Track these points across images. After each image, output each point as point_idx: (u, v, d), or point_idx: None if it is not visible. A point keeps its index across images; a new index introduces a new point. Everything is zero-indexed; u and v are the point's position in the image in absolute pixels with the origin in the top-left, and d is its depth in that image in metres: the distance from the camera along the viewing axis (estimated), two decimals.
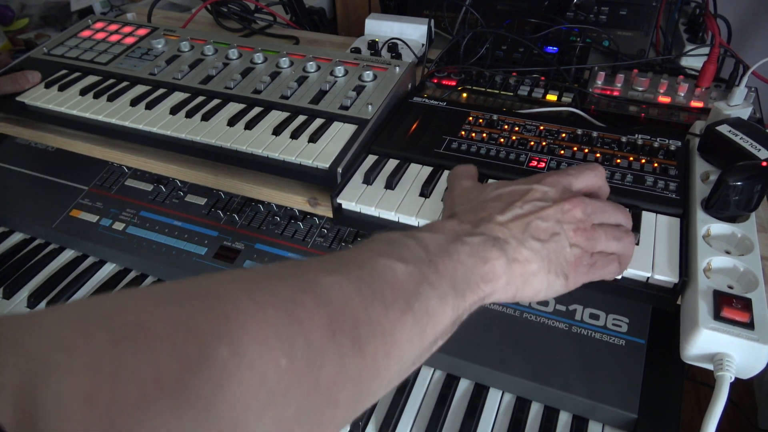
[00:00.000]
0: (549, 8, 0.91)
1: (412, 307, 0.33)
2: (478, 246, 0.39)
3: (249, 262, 0.72)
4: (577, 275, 0.43)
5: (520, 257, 0.40)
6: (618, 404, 0.53)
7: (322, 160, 0.62)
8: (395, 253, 0.35)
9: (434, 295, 0.34)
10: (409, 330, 0.33)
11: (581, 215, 0.43)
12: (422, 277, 0.34)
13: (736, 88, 0.61)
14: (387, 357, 0.31)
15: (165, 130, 0.68)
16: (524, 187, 0.44)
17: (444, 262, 0.36)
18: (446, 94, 0.77)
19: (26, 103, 0.76)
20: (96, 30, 0.91)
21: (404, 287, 0.33)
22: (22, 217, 0.84)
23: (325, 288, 0.30)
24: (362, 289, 0.31)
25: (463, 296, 0.36)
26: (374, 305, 0.31)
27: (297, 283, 0.30)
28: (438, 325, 0.35)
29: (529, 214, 0.42)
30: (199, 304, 0.26)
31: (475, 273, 0.37)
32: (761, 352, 0.42)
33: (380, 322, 0.31)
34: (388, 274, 0.33)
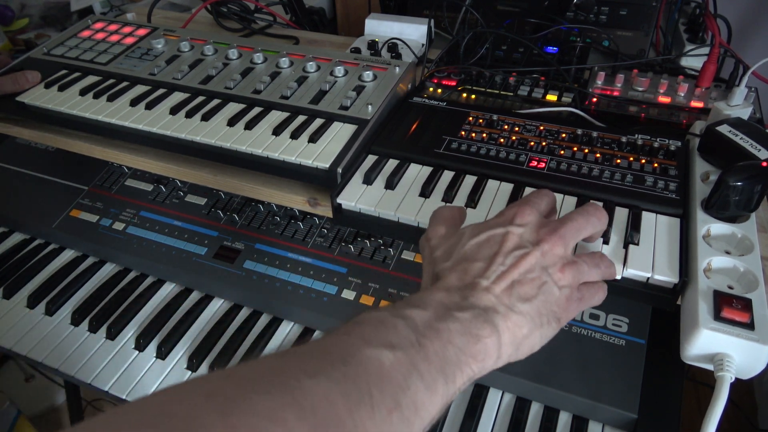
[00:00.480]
0: (549, 8, 0.91)
1: (400, 404, 0.32)
2: (470, 323, 0.37)
3: (249, 262, 0.72)
4: (569, 313, 0.43)
5: (510, 325, 0.39)
6: (618, 404, 0.53)
7: (322, 160, 0.62)
8: (382, 339, 0.34)
9: (423, 386, 0.33)
10: (396, 427, 0.31)
11: (562, 252, 0.42)
12: (411, 366, 0.33)
13: (736, 88, 0.61)
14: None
15: (165, 130, 0.68)
16: (500, 232, 0.43)
17: (434, 344, 0.35)
18: (446, 94, 0.77)
19: (26, 103, 0.76)
20: (96, 30, 0.91)
21: (392, 380, 0.32)
22: (22, 217, 0.84)
23: (307, 396, 0.29)
24: (347, 390, 0.30)
25: (453, 380, 0.35)
26: (360, 408, 0.30)
27: (277, 394, 0.29)
28: (426, 417, 0.34)
29: (512, 270, 0.41)
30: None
31: (466, 353, 0.36)
32: (761, 353, 0.42)
33: (366, 427, 0.30)
34: (374, 366, 0.32)
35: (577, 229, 0.44)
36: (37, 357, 0.69)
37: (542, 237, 0.42)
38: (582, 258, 0.44)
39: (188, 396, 0.28)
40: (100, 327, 0.72)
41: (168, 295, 0.75)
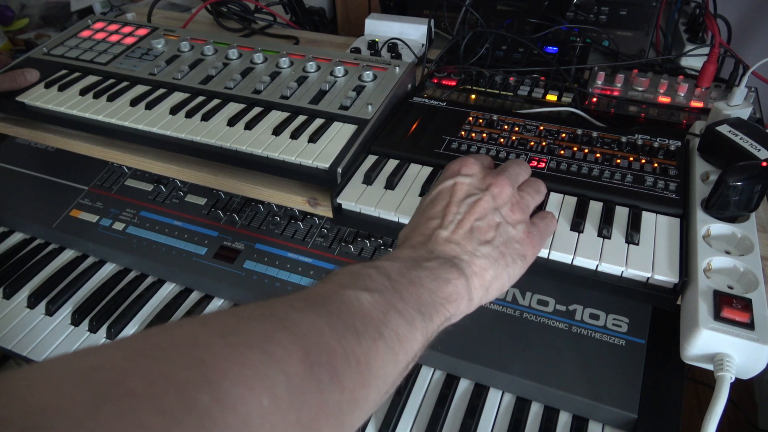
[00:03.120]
0: (549, 8, 0.91)
1: (383, 334, 0.33)
2: (437, 269, 0.39)
3: (249, 262, 0.72)
4: (534, 246, 0.45)
5: (476, 269, 0.41)
6: (618, 404, 0.53)
7: (322, 160, 0.62)
8: (359, 284, 0.36)
9: (403, 321, 0.35)
10: (382, 358, 0.33)
11: (510, 191, 0.45)
12: (389, 305, 0.35)
13: (736, 88, 0.61)
14: (364, 387, 0.31)
15: (165, 130, 0.68)
16: (449, 185, 0.46)
17: (407, 288, 0.37)
18: (446, 94, 0.77)
19: (26, 103, 0.76)
20: (96, 30, 0.91)
21: (373, 316, 0.34)
22: (22, 217, 0.84)
23: (297, 324, 0.30)
24: (332, 322, 0.32)
25: (430, 319, 0.37)
26: (346, 336, 0.31)
27: (268, 321, 0.30)
28: (410, 350, 0.35)
29: (467, 217, 0.43)
30: (174, 353, 0.26)
31: (439, 295, 0.38)
32: (761, 353, 0.42)
33: (354, 352, 0.31)
34: (354, 304, 0.34)
35: (516, 173, 0.49)
36: (37, 357, 0.69)
37: (490, 182, 0.45)
38: (524, 190, 0.48)
39: (187, 326, 0.29)
40: (100, 327, 0.72)
41: (168, 295, 0.75)
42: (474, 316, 0.60)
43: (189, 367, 0.25)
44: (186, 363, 0.25)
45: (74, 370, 0.24)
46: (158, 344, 0.27)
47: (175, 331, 0.28)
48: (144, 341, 0.27)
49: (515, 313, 0.61)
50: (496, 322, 0.60)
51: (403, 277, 0.38)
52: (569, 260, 0.52)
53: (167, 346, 0.26)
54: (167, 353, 0.26)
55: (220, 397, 0.24)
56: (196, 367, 0.25)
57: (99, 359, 0.25)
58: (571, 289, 0.61)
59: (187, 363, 0.25)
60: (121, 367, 0.25)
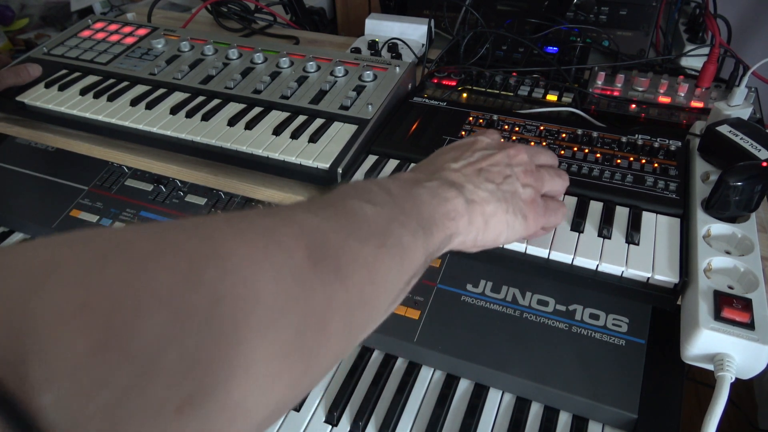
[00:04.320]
0: (549, 8, 0.91)
1: (386, 242, 0.33)
2: (437, 188, 0.40)
3: None
4: (536, 215, 0.46)
5: (477, 198, 0.42)
6: (618, 404, 0.53)
7: (322, 160, 0.62)
8: (363, 196, 0.36)
9: (405, 231, 0.35)
10: (387, 263, 0.33)
11: (527, 158, 0.46)
12: (391, 217, 0.35)
13: (736, 88, 0.61)
14: (372, 284, 0.32)
15: (165, 130, 0.68)
16: (470, 140, 0.48)
17: (408, 203, 0.38)
18: (446, 94, 0.77)
19: (26, 103, 0.76)
20: (96, 30, 0.91)
21: (376, 224, 0.34)
22: (22, 217, 0.84)
23: (302, 223, 0.30)
24: (337, 226, 0.32)
25: (431, 233, 0.38)
26: (350, 239, 0.31)
27: (275, 217, 0.30)
28: (413, 260, 0.36)
29: (480, 161, 0.45)
30: (181, 231, 0.26)
31: (439, 211, 0.39)
32: (761, 353, 0.42)
33: (361, 253, 0.31)
34: (358, 213, 0.34)
35: (538, 152, 0.50)
36: None
37: (508, 145, 0.47)
38: (545, 168, 0.49)
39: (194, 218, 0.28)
40: None
41: None
42: (474, 315, 0.61)
43: (198, 241, 0.25)
44: (195, 238, 0.25)
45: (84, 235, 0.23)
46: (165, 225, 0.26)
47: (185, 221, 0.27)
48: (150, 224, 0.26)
49: (515, 313, 0.61)
50: (496, 322, 0.60)
51: (404, 192, 0.39)
52: (569, 260, 0.52)
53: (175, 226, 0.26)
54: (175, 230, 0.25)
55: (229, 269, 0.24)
56: (204, 243, 0.25)
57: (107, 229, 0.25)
58: (571, 289, 0.61)
59: (196, 239, 0.25)
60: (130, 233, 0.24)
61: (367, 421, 0.58)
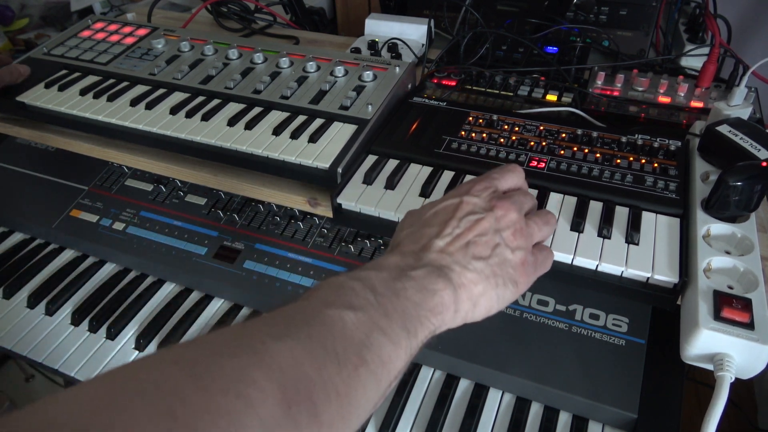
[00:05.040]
0: (549, 8, 0.91)
1: (365, 359, 0.33)
2: (424, 279, 0.39)
3: (249, 262, 0.72)
4: (527, 276, 0.44)
5: (465, 281, 0.40)
6: (618, 404, 0.53)
7: (322, 160, 0.62)
8: (343, 301, 0.35)
9: (386, 341, 0.34)
10: (364, 385, 0.32)
11: (516, 216, 0.44)
12: (373, 325, 0.34)
13: (736, 88, 0.61)
14: (344, 420, 0.31)
15: (165, 130, 0.68)
16: (455, 201, 0.45)
17: (392, 302, 0.36)
18: (446, 94, 0.77)
19: (26, 103, 0.76)
20: (96, 30, 0.91)
21: (355, 338, 0.33)
22: (22, 217, 0.84)
23: (274, 357, 0.29)
24: (313, 350, 0.31)
25: (415, 335, 0.36)
26: (326, 365, 0.31)
27: (245, 356, 0.29)
28: (393, 370, 0.35)
29: (466, 232, 0.42)
30: (140, 403, 0.25)
31: (424, 307, 0.37)
32: (761, 353, 0.42)
33: (334, 383, 0.30)
34: (337, 326, 0.33)
35: (525, 201, 0.47)
36: (37, 357, 0.69)
37: (495, 204, 0.44)
38: (532, 219, 0.46)
39: (156, 365, 0.28)
40: (100, 327, 0.72)
41: (168, 295, 0.75)
42: None
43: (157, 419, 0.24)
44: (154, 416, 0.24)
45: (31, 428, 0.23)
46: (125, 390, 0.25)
47: (143, 375, 0.27)
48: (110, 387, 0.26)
49: (515, 313, 0.61)
50: (496, 322, 0.60)
51: (388, 289, 0.37)
52: (569, 260, 0.52)
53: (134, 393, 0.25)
54: (134, 403, 0.25)
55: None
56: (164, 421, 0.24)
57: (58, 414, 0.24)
58: (571, 289, 0.61)
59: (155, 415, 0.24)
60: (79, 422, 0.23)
61: (367, 421, 0.58)
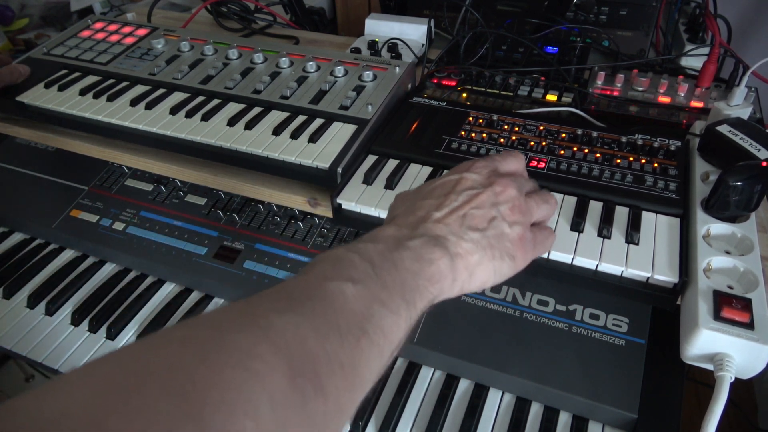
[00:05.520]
0: (549, 8, 0.91)
1: (367, 331, 0.33)
2: (421, 249, 0.39)
3: (249, 262, 0.72)
4: (525, 252, 0.44)
5: (461, 251, 0.41)
6: (618, 404, 0.53)
7: (322, 160, 0.62)
8: (342, 274, 0.35)
9: (387, 312, 0.35)
10: (367, 356, 0.33)
11: (515, 193, 0.45)
12: (372, 297, 0.35)
13: (736, 88, 0.61)
14: (349, 392, 0.31)
15: (165, 130, 0.68)
16: (455, 177, 0.46)
17: (391, 273, 0.37)
18: (446, 94, 0.77)
19: (26, 103, 0.76)
20: (96, 30, 0.91)
21: (356, 311, 0.33)
22: (22, 217, 0.84)
23: (279, 332, 0.30)
24: (316, 324, 0.31)
25: (414, 305, 0.37)
26: (330, 339, 0.31)
27: (250, 332, 0.29)
28: (394, 341, 0.35)
29: (463, 205, 0.43)
30: (153, 385, 0.25)
31: (422, 277, 0.38)
32: (761, 353, 0.42)
33: (338, 356, 0.31)
34: (338, 300, 0.33)
35: (524, 181, 0.48)
36: (37, 357, 0.69)
37: (494, 180, 0.45)
38: (532, 197, 0.47)
39: (164, 345, 0.28)
40: (100, 327, 0.72)
41: (168, 295, 0.75)
42: (474, 315, 0.61)
43: (169, 399, 0.24)
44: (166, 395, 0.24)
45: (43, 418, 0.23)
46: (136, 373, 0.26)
47: (152, 356, 0.27)
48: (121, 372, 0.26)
49: (515, 313, 0.61)
50: (496, 322, 0.60)
51: (386, 260, 0.37)
52: (569, 260, 0.52)
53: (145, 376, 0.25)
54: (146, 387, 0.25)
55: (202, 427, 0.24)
56: (176, 399, 0.24)
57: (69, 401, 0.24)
58: (571, 289, 0.61)
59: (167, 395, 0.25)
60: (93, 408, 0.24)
61: (367, 421, 0.58)
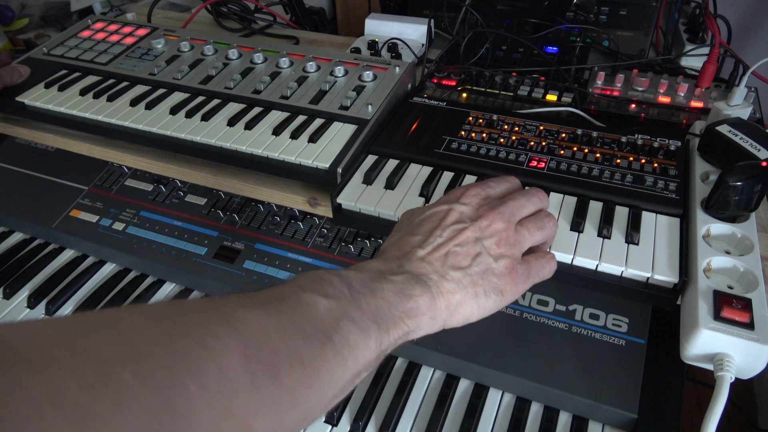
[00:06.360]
0: (549, 8, 0.91)
1: (332, 339, 0.33)
2: (402, 284, 0.39)
3: (249, 262, 0.72)
4: (516, 285, 0.43)
5: (443, 290, 0.40)
6: (618, 404, 0.53)
7: (322, 160, 0.62)
8: (318, 289, 0.35)
9: (355, 329, 0.35)
10: (329, 361, 0.33)
11: (501, 226, 0.44)
12: (343, 313, 0.35)
13: (736, 88, 0.61)
14: (306, 387, 0.31)
15: (165, 130, 0.68)
16: (443, 209, 0.45)
17: (367, 299, 0.37)
18: (446, 94, 0.77)
19: (26, 103, 0.76)
20: (96, 30, 0.91)
21: (324, 321, 0.33)
22: (22, 217, 0.84)
23: (241, 319, 0.30)
24: (281, 321, 0.31)
25: (386, 330, 0.37)
26: (293, 337, 0.31)
27: (211, 315, 0.30)
28: (360, 357, 0.35)
29: (447, 242, 0.42)
30: (104, 332, 0.26)
31: (399, 309, 0.38)
32: (761, 352, 0.42)
33: (299, 354, 0.31)
34: (309, 307, 0.34)
35: (519, 207, 0.46)
36: None
37: (481, 213, 0.44)
38: (523, 225, 0.45)
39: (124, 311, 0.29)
40: None
41: (168, 295, 0.75)
42: None
43: (115, 345, 0.25)
44: (112, 341, 0.25)
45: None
46: (91, 323, 0.27)
47: (111, 314, 0.28)
48: (78, 321, 0.27)
49: (515, 313, 0.61)
50: (496, 322, 0.60)
51: (365, 287, 0.38)
52: (569, 260, 0.52)
53: (99, 326, 0.27)
54: (97, 331, 0.26)
55: (142, 375, 0.24)
56: (121, 346, 0.25)
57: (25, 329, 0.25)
58: (571, 289, 0.61)
59: (114, 342, 0.25)
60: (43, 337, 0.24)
61: (367, 421, 0.58)
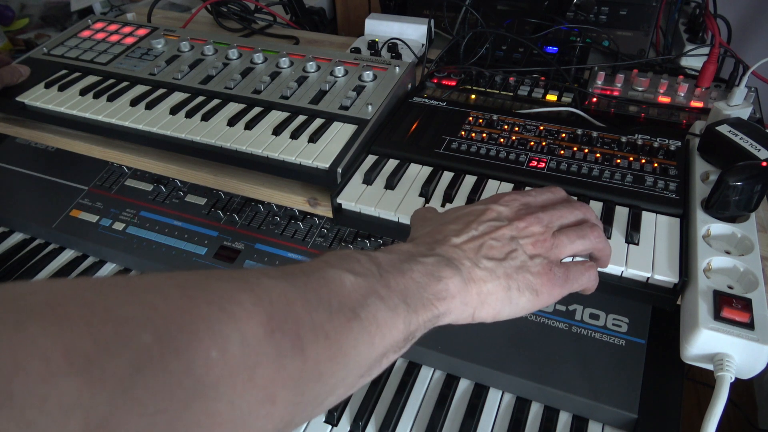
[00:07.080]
0: (549, 8, 0.91)
1: (359, 315, 0.32)
2: (432, 266, 0.38)
3: (249, 262, 0.72)
4: (552, 288, 0.42)
5: (474, 277, 0.39)
6: (618, 404, 0.53)
7: (322, 160, 0.62)
8: (346, 266, 0.35)
9: (383, 306, 0.34)
10: (355, 337, 0.32)
11: (539, 229, 0.43)
12: (371, 290, 0.34)
13: (736, 88, 0.61)
14: (331, 361, 0.31)
15: (165, 130, 0.68)
16: (481, 207, 0.45)
17: (396, 278, 0.36)
18: (446, 94, 0.77)
19: (26, 103, 0.76)
20: (96, 30, 0.91)
21: (351, 297, 0.33)
22: (22, 217, 0.84)
23: (266, 289, 0.29)
24: (307, 295, 0.31)
25: (415, 311, 0.36)
26: (318, 311, 0.31)
27: (236, 283, 0.29)
28: (388, 335, 0.34)
29: (483, 235, 0.42)
30: (124, 293, 0.25)
31: (428, 290, 0.37)
32: (761, 353, 0.42)
33: (324, 327, 0.30)
34: (335, 283, 0.33)
35: (559, 216, 0.45)
36: None
37: (519, 216, 0.44)
38: (563, 232, 0.44)
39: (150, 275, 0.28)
40: None
41: None
42: None
43: (136, 307, 0.25)
44: (134, 303, 0.25)
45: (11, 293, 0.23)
46: (112, 284, 0.26)
47: (135, 279, 0.28)
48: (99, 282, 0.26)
49: None
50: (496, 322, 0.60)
51: (394, 267, 0.37)
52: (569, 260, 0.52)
53: (120, 288, 0.26)
54: (117, 292, 0.25)
55: (163, 338, 0.24)
56: (143, 308, 0.25)
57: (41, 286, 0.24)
58: None
59: (135, 303, 0.25)
60: (61, 294, 0.24)
61: (367, 421, 0.58)
